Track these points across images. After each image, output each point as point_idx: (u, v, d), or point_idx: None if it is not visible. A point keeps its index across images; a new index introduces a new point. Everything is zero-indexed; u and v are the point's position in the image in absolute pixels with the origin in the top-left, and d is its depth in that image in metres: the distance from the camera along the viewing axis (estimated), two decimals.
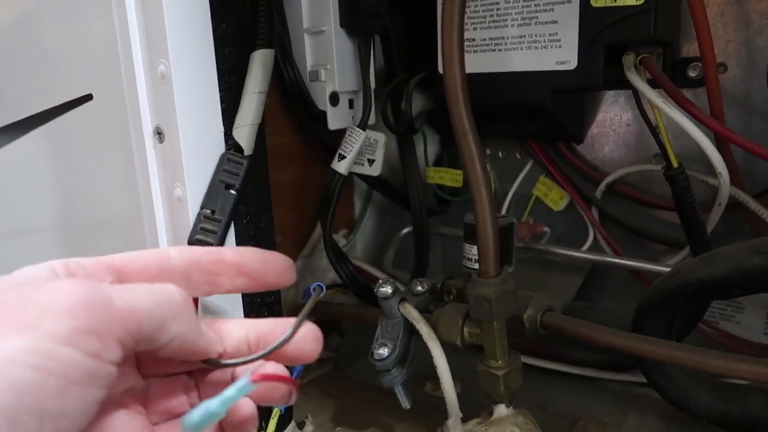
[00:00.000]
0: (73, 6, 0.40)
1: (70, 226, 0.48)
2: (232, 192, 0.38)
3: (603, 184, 0.55)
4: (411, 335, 0.43)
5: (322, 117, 0.51)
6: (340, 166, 0.50)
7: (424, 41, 0.54)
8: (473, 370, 0.40)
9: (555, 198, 0.58)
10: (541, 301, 0.42)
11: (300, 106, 0.53)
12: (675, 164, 0.46)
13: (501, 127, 0.55)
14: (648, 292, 0.41)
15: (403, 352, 0.43)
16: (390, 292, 0.42)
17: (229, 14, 0.37)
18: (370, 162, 0.54)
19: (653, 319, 0.41)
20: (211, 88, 0.37)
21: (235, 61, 0.38)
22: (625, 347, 0.38)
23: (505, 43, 0.50)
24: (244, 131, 0.38)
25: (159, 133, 0.37)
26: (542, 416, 0.42)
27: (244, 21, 0.39)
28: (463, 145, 0.36)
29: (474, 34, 0.51)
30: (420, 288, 0.45)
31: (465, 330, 0.41)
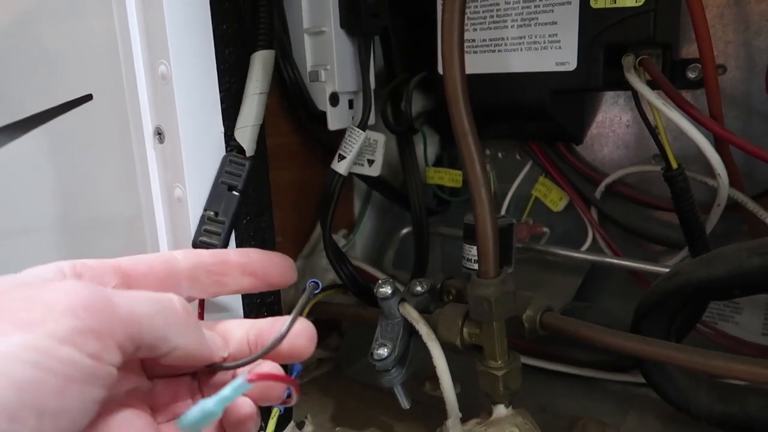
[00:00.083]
0: (73, 6, 0.40)
1: (71, 226, 0.48)
2: (234, 193, 0.38)
3: (602, 184, 0.55)
4: (410, 335, 0.43)
5: (322, 117, 0.51)
6: (340, 167, 0.50)
7: (424, 42, 0.54)
8: (472, 371, 0.40)
9: (554, 198, 0.58)
10: (540, 301, 0.42)
11: (300, 106, 0.53)
12: (674, 165, 0.46)
13: (500, 127, 0.55)
14: (647, 292, 0.41)
15: (402, 352, 0.43)
16: (390, 292, 0.42)
17: (229, 14, 0.38)
18: (370, 162, 0.54)
19: (652, 319, 0.41)
20: (211, 88, 0.37)
21: (236, 62, 0.38)
22: (624, 348, 0.38)
23: (505, 44, 0.50)
24: (246, 132, 0.38)
25: (159, 134, 0.38)
26: (541, 416, 0.42)
27: (244, 21, 0.39)
28: (463, 146, 0.36)
29: (474, 35, 0.51)
30: (419, 288, 0.46)
31: (464, 330, 0.41)
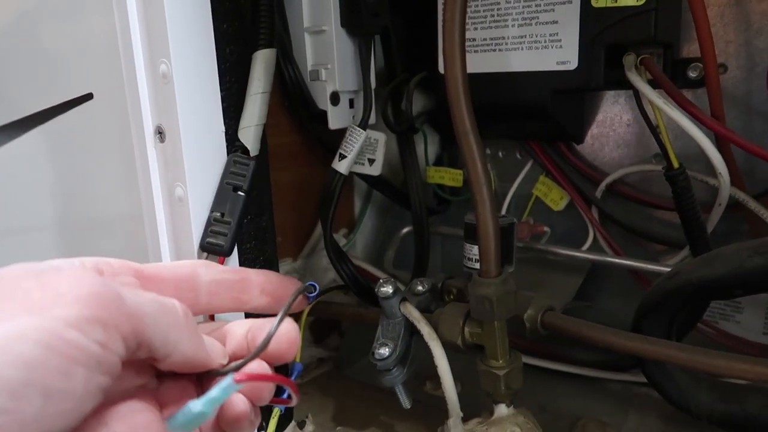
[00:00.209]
0: (74, 5, 0.40)
1: (71, 226, 0.48)
2: (240, 194, 0.38)
3: (603, 184, 0.55)
4: (412, 335, 0.43)
5: (323, 116, 0.51)
6: (341, 166, 0.50)
7: (424, 41, 0.54)
8: (473, 370, 0.40)
9: (555, 198, 0.58)
10: (541, 301, 0.42)
11: (300, 105, 0.53)
12: (675, 164, 0.46)
13: (501, 127, 0.55)
14: (648, 292, 0.41)
15: (403, 351, 0.43)
16: (391, 291, 0.42)
17: (230, 13, 0.37)
18: (371, 161, 0.54)
19: (653, 319, 0.41)
20: (212, 87, 0.37)
21: (237, 61, 0.38)
22: (625, 347, 0.38)
23: (506, 43, 0.50)
24: (250, 132, 0.38)
25: (160, 133, 0.37)
26: (542, 416, 0.42)
27: (245, 20, 0.39)
28: (465, 145, 0.36)
29: (474, 34, 0.51)
30: (420, 288, 0.45)
31: (466, 330, 0.41)
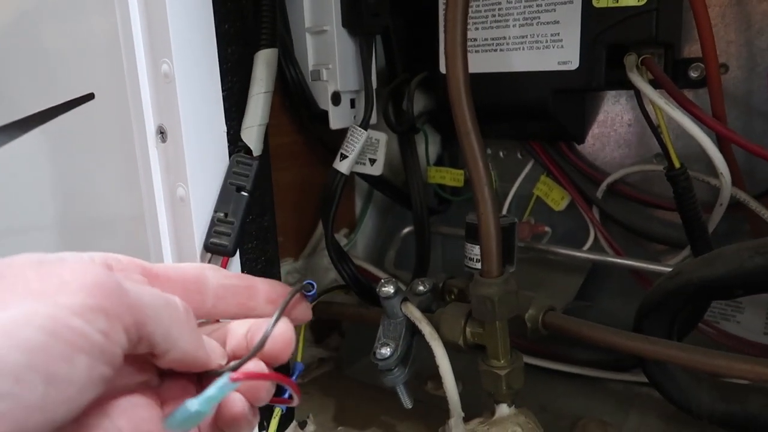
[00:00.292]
0: (74, 4, 0.40)
1: (72, 226, 0.48)
2: (243, 194, 0.38)
3: (604, 184, 0.55)
4: (413, 335, 0.43)
5: (324, 117, 0.51)
6: (342, 166, 0.50)
7: (426, 41, 0.54)
8: (475, 370, 0.40)
9: (556, 198, 0.58)
10: (542, 301, 0.42)
11: (302, 105, 0.53)
12: (677, 164, 0.46)
13: (502, 127, 0.55)
14: (649, 292, 0.41)
15: (405, 351, 0.43)
16: (392, 291, 0.42)
17: (231, 13, 0.37)
18: (372, 161, 0.54)
19: (654, 319, 0.41)
20: (214, 87, 0.37)
21: (238, 61, 0.38)
22: (627, 347, 0.38)
23: (507, 43, 0.50)
24: (253, 132, 0.38)
25: (161, 133, 0.37)
26: (543, 416, 0.42)
27: (246, 20, 0.39)
28: (466, 145, 0.36)
29: (476, 34, 0.51)
30: (422, 288, 0.45)
31: (467, 330, 0.41)
